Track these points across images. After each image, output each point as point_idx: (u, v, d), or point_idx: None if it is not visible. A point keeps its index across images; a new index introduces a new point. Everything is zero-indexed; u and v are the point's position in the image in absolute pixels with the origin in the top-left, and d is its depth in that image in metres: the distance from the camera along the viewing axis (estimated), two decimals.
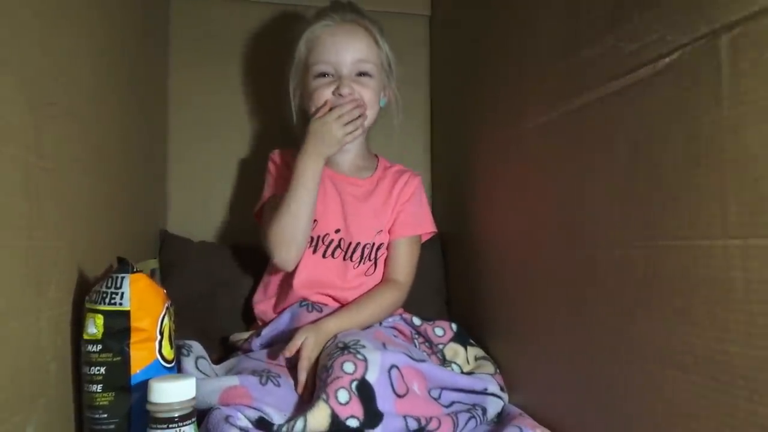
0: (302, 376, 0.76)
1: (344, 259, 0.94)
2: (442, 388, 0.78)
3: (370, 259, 0.96)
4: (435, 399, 0.77)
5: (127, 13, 0.86)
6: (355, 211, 0.96)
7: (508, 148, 0.86)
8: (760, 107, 0.43)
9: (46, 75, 0.55)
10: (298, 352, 0.77)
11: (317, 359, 0.78)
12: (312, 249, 0.94)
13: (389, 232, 0.98)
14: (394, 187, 0.99)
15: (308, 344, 0.78)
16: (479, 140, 0.99)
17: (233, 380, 0.70)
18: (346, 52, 0.93)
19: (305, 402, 0.73)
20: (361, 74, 0.94)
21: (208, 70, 1.17)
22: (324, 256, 0.94)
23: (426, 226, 1.01)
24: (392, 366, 0.72)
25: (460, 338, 0.91)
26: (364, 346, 0.73)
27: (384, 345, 0.76)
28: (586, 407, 0.65)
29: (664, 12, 0.52)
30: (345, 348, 0.73)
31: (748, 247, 0.43)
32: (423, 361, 0.77)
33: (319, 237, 0.94)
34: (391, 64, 1.00)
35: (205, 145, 1.17)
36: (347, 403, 0.66)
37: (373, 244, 0.96)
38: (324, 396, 0.66)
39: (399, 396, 0.70)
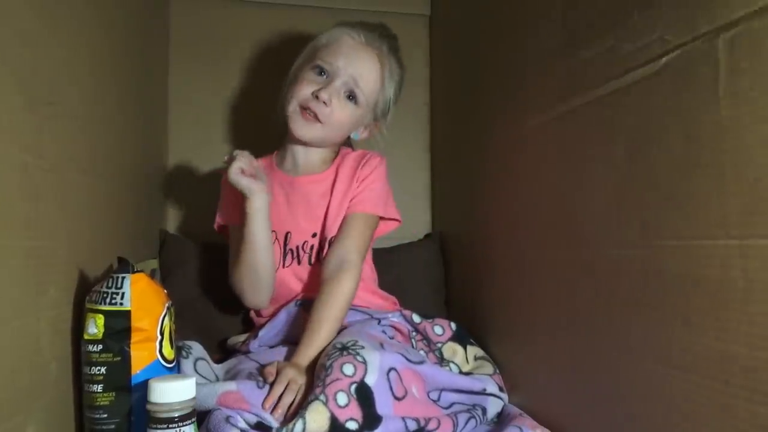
0: (278, 389, 0.71)
1: None
2: (441, 390, 0.78)
3: None
4: (434, 401, 0.76)
5: (127, 13, 0.86)
6: (323, 208, 0.94)
7: (508, 147, 0.86)
8: (757, 107, 0.43)
9: (46, 75, 0.55)
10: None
11: (313, 364, 0.77)
12: (296, 261, 0.93)
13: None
14: (356, 171, 0.95)
15: (287, 373, 0.73)
16: (479, 140, 0.99)
17: (230, 385, 0.70)
18: (351, 65, 0.92)
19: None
20: (350, 96, 0.92)
21: (207, 71, 1.17)
22: (310, 263, 0.93)
23: (390, 212, 0.97)
24: (391, 368, 0.71)
25: (460, 337, 0.91)
26: (362, 347, 0.72)
27: (381, 345, 0.76)
28: (586, 407, 0.65)
29: (662, 12, 0.52)
30: (344, 349, 0.72)
31: (748, 247, 0.43)
32: (421, 362, 0.76)
33: (297, 247, 0.93)
34: (388, 109, 0.98)
35: (204, 145, 1.17)
36: (346, 405, 0.65)
37: None
38: (323, 398, 0.66)
39: (397, 399, 0.70)
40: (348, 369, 0.69)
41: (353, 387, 0.67)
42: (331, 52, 0.93)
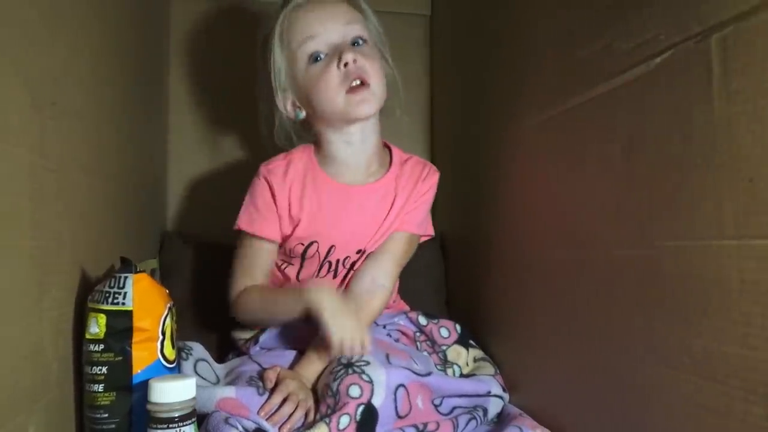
0: (276, 399, 0.71)
1: None
2: (447, 396, 0.78)
3: None
4: (436, 407, 0.76)
5: (128, 12, 0.86)
6: (376, 224, 0.87)
7: (508, 147, 0.87)
8: (750, 107, 0.43)
9: (49, 75, 0.55)
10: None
11: (317, 380, 0.77)
12: (332, 274, 0.88)
13: None
14: (416, 188, 0.89)
15: (288, 385, 0.72)
16: (479, 140, 0.99)
17: (229, 391, 0.70)
18: (331, 20, 0.82)
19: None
20: (356, 42, 0.83)
21: (208, 70, 1.18)
22: (344, 278, 0.89)
23: (429, 228, 0.95)
24: (399, 385, 0.71)
25: (463, 339, 0.91)
26: (368, 363, 0.71)
27: (387, 357, 0.75)
28: (585, 407, 0.66)
29: (658, 11, 0.53)
30: (348, 366, 0.71)
31: (743, 248, 0.44)
32: (428, 374, 0.76)
33: (338, 261, 0.87)
34: (381, 34, 0.90)
35: (205, 144, 1.17)
36: (345, 428, 0.66)
37: None
38: (327, 420, 0.66)
39: (400, 417, 0.70)
40: (354, 391, 0.68)
41: (360, 409, 0.67)
42: (300, 32, 0.82)
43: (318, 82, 0.81)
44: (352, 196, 0.86)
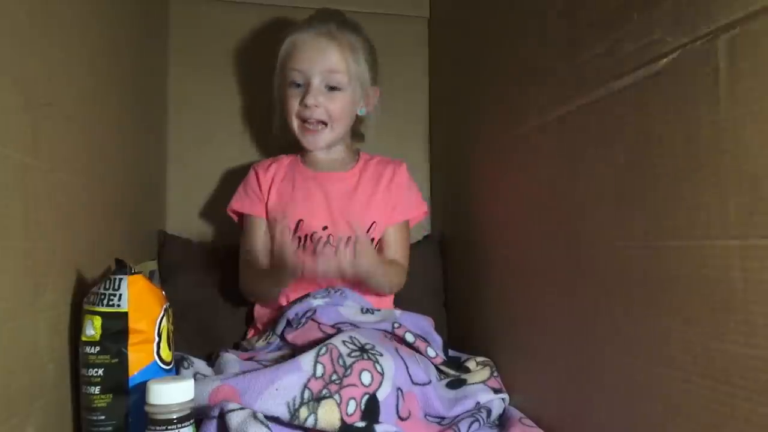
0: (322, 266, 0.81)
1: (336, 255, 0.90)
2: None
3: None
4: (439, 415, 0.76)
5: (126, 13, 0.86)
6: (342, 206, 0.98)
7: (508, 148, 0.86)
8: (757, 108, 0.43)
9: (43, 76, 0.55)
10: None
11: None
12: (300, 250, 0.89)
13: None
14: (381, 179, 1.01)
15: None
16: (478, 141, 0.99)
17: (219, 381, 0.67)
18: (315, 63, 0.96)
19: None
20: (332, 88, 0.97)
21: (207, 72, 1.17)
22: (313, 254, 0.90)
23: (419, 206, 1.04)
24: (399, 388, 0.71)
25: (450, 364, 0.87)
26: (381, 354, 0.72)
27: (397, 350, 0.75)
28: (586, 408, 0.65)
29: (663, 12, 0.52)
30: (363, 351, 0.72)
31: (747, 248, 0.43)
32: (427, 383, 0.75)
33: (306, 236, 0.95)
34: (371, 74, 1.01)
35: (204, 146, 1.17)
36: (353, 414, 0.66)
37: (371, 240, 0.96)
38: (337, 398, 0.65)
39: (402, 419, 0.70)
40: (366, 377, 0.68)
41: (365, 398, 0.67)
42: (293, 60, 0.98)
43: (286, 104, 1.00)
44: (319, 180, 1.01)
